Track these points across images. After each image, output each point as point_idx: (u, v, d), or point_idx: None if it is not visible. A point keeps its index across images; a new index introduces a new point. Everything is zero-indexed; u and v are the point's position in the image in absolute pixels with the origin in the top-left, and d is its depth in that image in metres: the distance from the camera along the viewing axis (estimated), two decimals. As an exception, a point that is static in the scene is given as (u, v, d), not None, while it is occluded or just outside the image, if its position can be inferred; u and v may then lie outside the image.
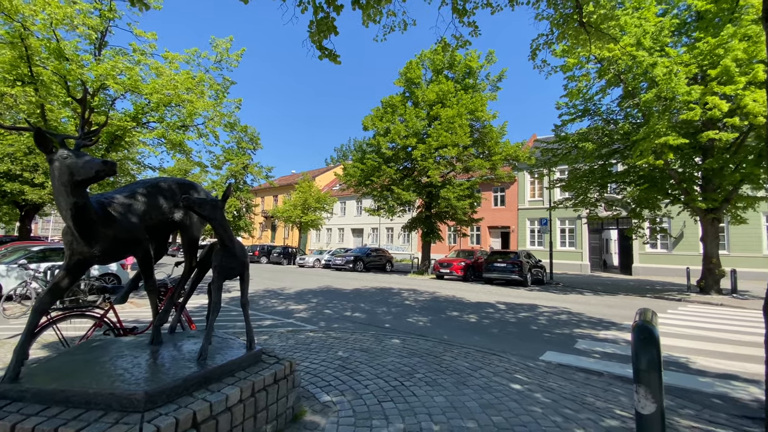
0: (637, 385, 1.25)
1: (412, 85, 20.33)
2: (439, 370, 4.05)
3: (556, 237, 26.10)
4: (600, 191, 15.84)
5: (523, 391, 3.55)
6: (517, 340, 6.12)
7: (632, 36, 10.80)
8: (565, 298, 11.49)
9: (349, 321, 7.32)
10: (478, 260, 18.04)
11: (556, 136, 15.24)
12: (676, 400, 3.69)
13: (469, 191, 19.27)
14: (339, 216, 40.99)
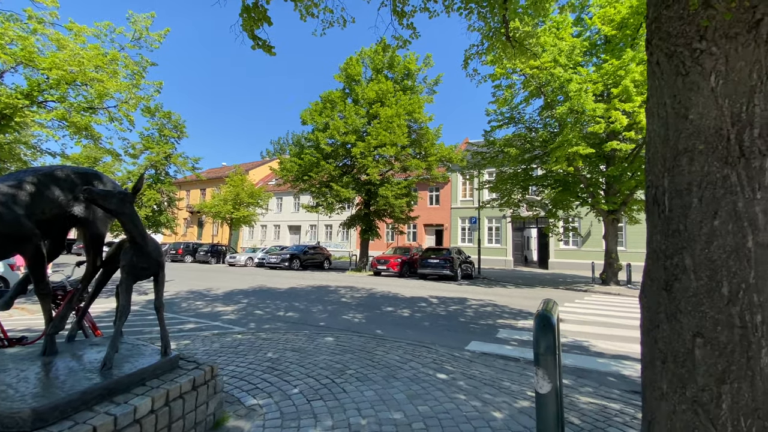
0: (536, 367, 1.39)
1: (353, 82, 20.28)
2: (370, 365, 4.11)
3: (484, 234, 27.91)
4: (522, 193, 17.28)
5: (448, 379, 3.75)
6: (447, 331, 6.45)
7: (551, 54, 11.92)
8: (490, 292, 12.36)
9: (281, 321, 7.11)
10: (414, 257, 18.63)
11: (485, 141, 16.30)
12: (578, 380, 4.17)
13: (407, 190, 19.78)
14: (275, 212, 39.48)
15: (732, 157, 1.23)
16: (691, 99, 1.30)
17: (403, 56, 19.51)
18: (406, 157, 19.58)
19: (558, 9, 6.58)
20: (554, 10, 6.85)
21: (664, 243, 1.37)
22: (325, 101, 19.89)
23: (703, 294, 1.24)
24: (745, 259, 1.20)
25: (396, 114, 18.01)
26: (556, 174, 14.63)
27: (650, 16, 1.47)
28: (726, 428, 1.19)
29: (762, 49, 1.23)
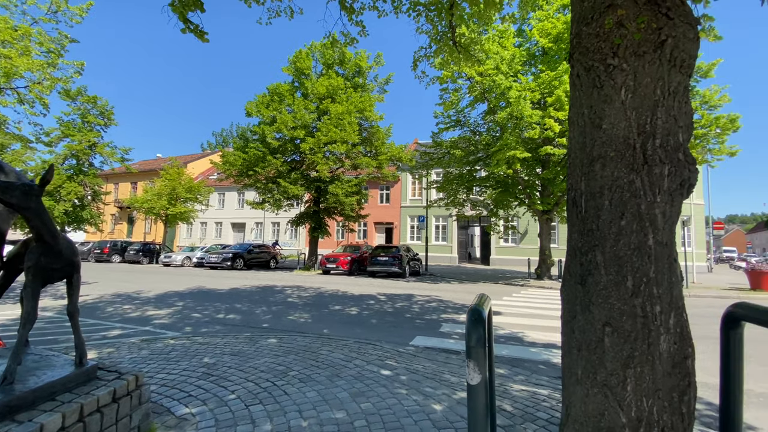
0: (467, 360, 1.45)
1: (302, 76, 19.79)
2: (314, 366, 4.05)
3: (431, 232, 28.76)
4: (467, 193, 18.06)
5: (392, 375, 3.80)
6: (393, 328, 6.54)
7: (494, 61, 12.56)
8: (436, 288, 12.76)
9: (221, 324, 6.74)
10: (364, 255, 18.67)
11: (433, 142, 16.79)
12: (513, 369, 4.45)
13: (357, 188, 19.75)
14: (216, 209, 37.37)
15: (637, 164, 1.37)
16: (605, 110, 1.43)
17: (354, 53, 19.42)
18: (357, 155, 19.54)
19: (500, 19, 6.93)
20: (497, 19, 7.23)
21: (580, 241, 1.49)
22: (273, 94, 19.19)
23: (611, 287, 1.37)
24: (647, 256, 1.35)
25: (347, 111, 17.88)
26: (497, 176, 15.47)
27: (573, 32, 1.59)
28: (631, 408, 1.33)
29: (665, 68, 1.39)
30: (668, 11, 1.35)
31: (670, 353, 1.35)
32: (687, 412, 1.35)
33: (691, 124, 1.47)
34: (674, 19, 1.35)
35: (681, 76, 1.40)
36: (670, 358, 1.35)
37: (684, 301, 1.44)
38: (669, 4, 1.37)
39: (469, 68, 9.70)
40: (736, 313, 1.70)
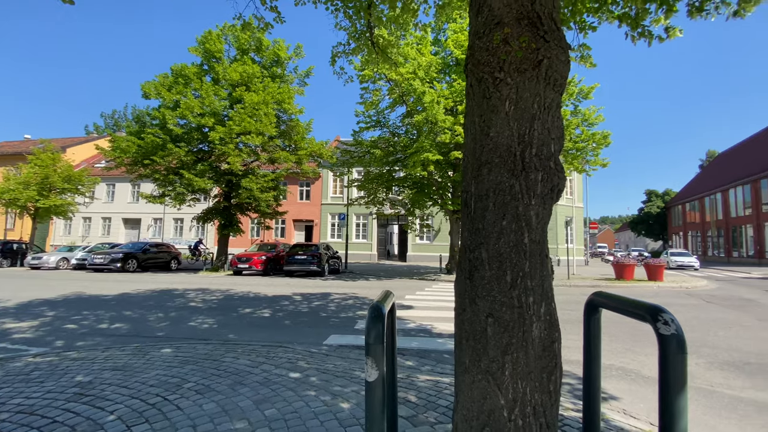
0: (366, 357, 1.45)
1: (212, 59, 18.19)
2: (215, 375, 3.74)
3: (352, 230, 28.90)
4: (386, 192, 18.54)
5: (301, 377, 3.70)
6: (307, 328, 6.39)
7: (412, 66, 13.06)
8: (354, 285, 12.84)
9: (104, 335, 5.86)
10: (280, 253, 17.94)
11: (354, 141, 16.85)
12: (421, 360, 4.67)
13: (274, 183, 18.87)
14: (104, 202, 32.50)
15: (517, 170, 1.52)
16: (492, 120, 1.56)
17: (272, 41, 18.49)
18: (274, 149, 18.67)
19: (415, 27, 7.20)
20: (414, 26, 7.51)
21: (470, 239, 1.60)
22: (177, 75, 17.31)
23: (493, 281, 1.50)
24: (523, 253, 1.50)
25: (263, 101, 16.95)
26: (414, 177, 16.15)
27: (469, 44, 1.70)
28: (508, 391, 1.47)
29: (542, 85, 1.56)
30: (545, 34, 1.52)
31: (541, 338, 1.53)
32: (554, 390, 1.54)
33: (562, 137, 1.67)
34: (550, 42, 1.53)
35: (554, 94, 1.58)
36: (541, 343, 1.52)
37: (553, 291, 1.63)
38: (546, 29, 1.54)
39: (387, 70, 9.93)
40: (595, 301, 2.00)
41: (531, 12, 1.52)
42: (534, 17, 1.52)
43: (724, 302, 10.01)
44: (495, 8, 1.56)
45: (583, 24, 4.36)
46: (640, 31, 3.94)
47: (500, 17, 1.54)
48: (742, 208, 33.89)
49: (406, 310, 8.12)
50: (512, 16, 1.52)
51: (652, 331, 1.43)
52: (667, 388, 1.38)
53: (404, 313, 7.77)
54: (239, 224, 19.01)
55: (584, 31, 4.45)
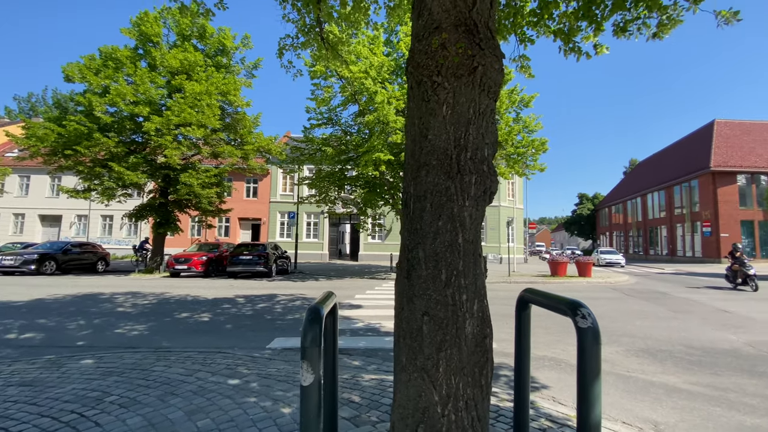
0: (302, 360, 1.41)
1: (149, 43, 16.80)
2: (142, 386, 3.44)
3: (302, 229, 28.27)
4: (338, 191, 18.36)
5: (240, 384, 3.53)
6: (250, 332, 6.12)
7: (364, 65, 13.05)
8: (303, 285, 12.56)
9: (11, 346, 5.16)
10: (223, 253, 17.05)
11: (305, 137, 16.48)
12: (367, 359, 4.67)
13: (218, 179, 17.89)
14: (16, 196, 28.73)
15: (453, 173, 1.56)
16: (430, 122, 1.59)
17: (217, 29, 17.50)
18: (218, 142, 17.68)
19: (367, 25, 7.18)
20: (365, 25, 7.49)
21: (408, 239, 1.62)
22: (107, 58, 15.76)
23: (429, 280, 1.53)
24: (457, 252, 1.55)
25: (206, 92, 15.97)
26: (366, 176, 16.16)
27: (410, 47, 1.72)
28: (442, 387, 1.51)
29: (477, 91, 1.61)
30: (480, 42, 1.58)
31: (473, 335, 1.58)
32: (485, 383, 1.61)
33: (496, 142, 1.75)
34: (485, 50, 1.59)
35: (488, 100, 1.65)
36: (473, 339, 1.58)
37: (486, 289, 1.70)
38: (482, 36, 1.60)
39: (338, 67, 9.82)
40: (525, 297, 2.12)
41: (468, 19, 1.57)
42: (471, 24, 1.57)
43: (641, 295, 11.21)
44: (435, 12, 1.59)
45: (523, 36, 4.62)
46: (571, 46, 4.26)
47: (439, 22, 1.57)
48: (658, 211, 38.25)
49: (355, 309, 8.09)
50: (450, 21, 1.56)
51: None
52: (584, 376, 1.50)
53: (353, 312, 7.74)
54: (177, 222, 17.76)
55: (524, 43, 4.71)
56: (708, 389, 3.82)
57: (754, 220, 29.16)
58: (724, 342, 5.68)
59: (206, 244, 18.50)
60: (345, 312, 7.77)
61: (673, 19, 3.83)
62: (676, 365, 4.58)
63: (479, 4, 1.59)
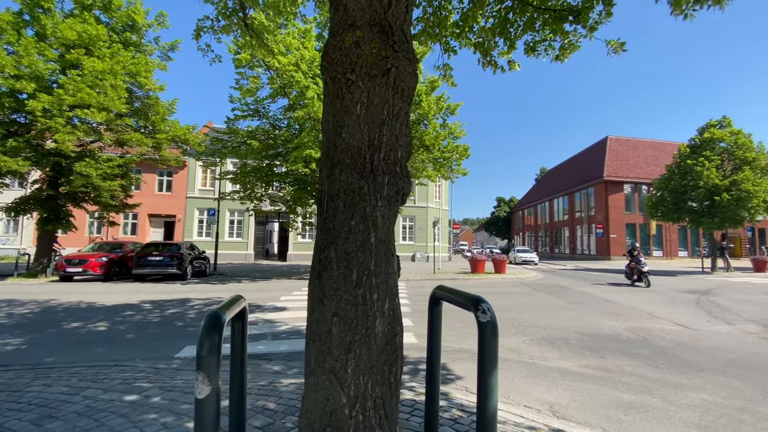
0: (197, 372, 1.28)
1: (37, 8, 14.29)
2: (12, 411, 2.90)
3: (224, 228, 26.45)
4: (265, 188, 17.50)
5: (139, 399, 3.16)
6: (156, 341, 5.53)
7: (294, 57, 12.63)
8: (222, 288, 11.75)
9: None
10: (128, 254, 15.21)
11: (228, 129, 15.43)
12: (288, 363, 4.51)
13: (123, 170, 15.89)
14: None
15: (366, 173, 1.56)
16: (345, 121, 1.57)
17: (126, 1, 15.54)
18: (124, 129, 15.70)
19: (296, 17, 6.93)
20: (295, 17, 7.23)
21: (321, 238, 1.58)
22: (-23, 20, 13.06)
23: (340, 281, 1.51)
24: (369, 252, 1.55)
25: (111, 70, 14.07)
26: (296, 173, 15.66)
27: (326, 42, 1.68)
28: (350, 388, 1.49)
29: (390, 93, 1.63)
30: (395, 44, 1.60)
31: (384, 333, 1.60)
32: (394, 381, 1.63)
33: (409, 144, 1.79)
34: (399, 52, 1.61)
35: (402, 103, 1.68)
36: (384, 337, 1.59)
37: (398, 288, 1.73)
38: (396, 39, 1.62)
39: (264, 57, 9.35)
40: (436, 294, 2.20)
41: (383, 20, 1.58)
42: (386, 26, 1.58)
43: (546, 289, 12.53)
44: (350, 9, 1.57)
45: (447, 46, 4.86)
46: (489, 59, 4.58)
47: (354, 19, 1.55)
48: (562, 214, 43.21)
49: (279, 312, 7.78)
50: (365, 20, 1.55)
51: (502, 319, 1.64)
52: (483, 367, 1.60)
53: (277, 315, 7.44)
54: (70, 218, 15.40)
55: (448, 53, 4.96)
56: (595, 371, 4.38)
57: (636, 223, 34.44)
58: (608, 328, 6.58)
59: (107, 244, 16.33)
60: (268, 315, 7.44)
61: (573, 45, 4.31)
62: (571, 351, 5.19)
63: (395, 7, 1.60)
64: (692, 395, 3.65)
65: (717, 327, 6.71)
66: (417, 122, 14.80)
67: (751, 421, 3.09)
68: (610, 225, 33.67)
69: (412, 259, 29.37)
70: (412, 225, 30.23)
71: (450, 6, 4.54)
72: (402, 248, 29.63)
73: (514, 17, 4.30)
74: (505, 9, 4.27)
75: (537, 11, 4.11)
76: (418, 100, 13.87)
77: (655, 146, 39.46)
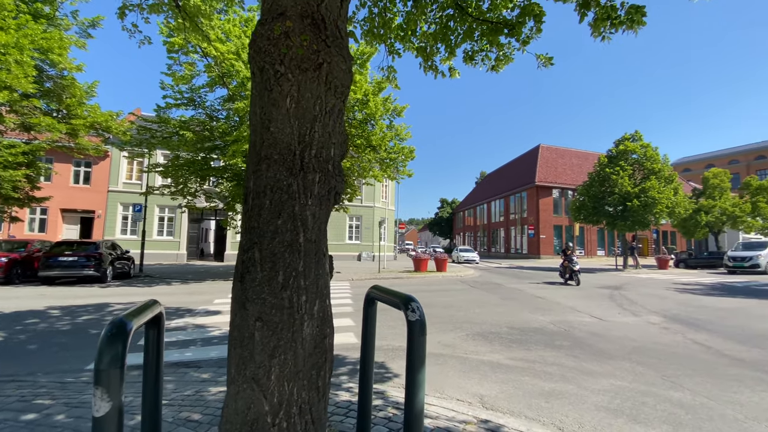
0: (95, 387, 1.14)
1: None
2: None
3: (153, 225, 24.33)
4: (200, 182, 16.37)
5: (38, 419, 2.77)
6: (64, 351, 4.91)
7: (235, 45, 11.97)
8: (148, 291, 10.78)
9: None
10: (34, 254, 13.36)
11: (158, 117, 14.20)
12: (219, 370, 4.24)
13: (28, 158, 13.92)
14: None
15: (295, 169, 1.50)
16: (273, 114, 1.49)
17: (34, -34, 13.60)
18: (31, 111, 13.75)
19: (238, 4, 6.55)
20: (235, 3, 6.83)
21: (245, 238, 1.49)
22: None
23: (265, 283, 1.43)
24: (297, 252, 1.49)
25: (16, 44, 12.22)
26: (235, 168, 14.85)
27: (254, 30, 1.59)
28: (274, 395, 1.42)
29: (323, 88, 1.58)
30: (327, 39, 1.55)
31: (313, 336, 1.55)
32: (322, 385, 1.59)
33: (345, 143, 1.76)
34: (332, 47, 1.57)
35: (336, 100, 1.64)
36: (312, 341, 1.55)
37: (329, 289, 1.69)
38: (329, 33, 1.58)
39: (200, 42, 8.74)
40: (371, 294, 2.20)
41: (316, 12, 1.53)
42: (318, 19, 1.53)
43: (482, 287, 13.22)
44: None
45: (392, 48, 4.91)
46: (430, 64, 4.71)
47: (284, 8, 1.48)
48: (498, 215, 45.97)
49: (212, 316, 7.31)
50: (296, 11, 1.49)
51: (441, 316, 1.65)
52: (412, 364, 1.63)
53: (209, 320, 6.99)
54: (-41, 212, 13.16)
55: (392, 55, 5.01)
56: (521, 362, 4.69)
57: (562, 225, 37.69)
58: (536, 322, 7.11)
59: (7, 242, 14.21)
60: (199, 320, 6.96)
61: (507, 57, 4.57)
62: (501, 344, 5.52)
63: (328, 0, 1.56)
64: (603, 381, 4.05)
65: (625, 318, 7.56)
66: (364, 122, 14.82)
67: (652, 403, 3.50)
68: (540, 226, 36.52)
69: (358, 259, 29.37)
70: (358, 224, 30.23)
71: (394, 9, 4.60)
72: (348, 247, 29.51)
73: (455, 25, 4.46)
74: (447, 17, 4.41)
75: (476, 21, 4.30)
76: (365, 100, 13.89)
77: (579, 155, 43.53)
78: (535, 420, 3.12)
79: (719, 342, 5.73)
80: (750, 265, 19.76)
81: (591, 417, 3.18)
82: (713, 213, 26.28)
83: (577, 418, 3.15)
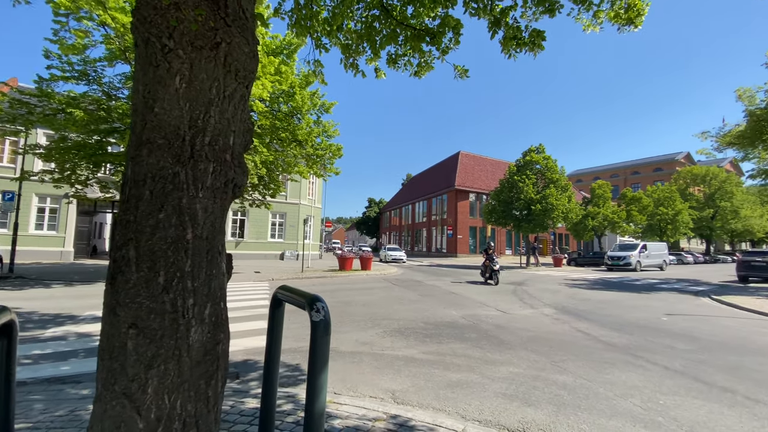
0: None
1: None
2: None
3: (29, 217, 20.55)
4: (93, 170, 14.21)
5: None
6: None
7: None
8: (17, 296, 9.04)
9: None
10: None
11: (40, 90, 11.99)
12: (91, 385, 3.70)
13: None
14: None
15: (184, 157, 1.34)
16: (158, 93, 1.32)
17: None
18: None
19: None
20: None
21: (118, 234, 1.30)
22: None
23: (141, 285, 1.26)
24: (183, 250, 1.34)
25: None
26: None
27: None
28: (151, 411, 1.26)
29: (221, 70, 1.45)
30: (227, 17, 1.42)
31: (202, 343, 1.41)
32: (213, 395, 1.45)
33: (249, 132, 1.63)
34: (232, 27, 1.44)
35: (237, 84, 1.51)
36: (201, 348, 1.40)
37: (225, 291, 1.56)
38: (230, 12, 1.45)
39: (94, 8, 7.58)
40: (278, 295, 2.09)
41: (214, -13, 1.39)
42: (217, -6, 1.39)
43: (404, 284, 13.64)
44: (172, -36, 1.33)
45: (319, 42, 4.78)
46: (351, 62, 4.70)
47: (176, -24, 1.32)
48: (422, 216, 48.03)
49: (100, 323, 6.38)
50: (191, -19, 1.34)
51: (361, 314, 1.59)
52: (314, 365, 1.57)
53: (96, 327, 6.08)
54: None
55: (319, 49, 4.88)
56: (433, 356, 4.92)
57: (477, 226, 40.72)
58: (449, 317, 7.53)
59: None
60: (84, 327, 6.03)
61: (428, 64, 4.75)
62: (416, 339, 5.73)
63: (230, -24, 1.43)
64: (503, 369, 4.44)
65: (524, 311, 8.41)
66: (290, 115, 14.29)
67: (541, 386, 3.91)
68: (458, 227, 39.04)
69: (281, 258, 28.26)
70: (282, 222, 29.07)
71: (321, 2, 4.49)
72: (271, 246, 28.21)
73: (380, 27, 4.50)
74: (372, 17, 4.43)
75: (400, 26, 4.39)
76: (291, 92, 13.41)
77: (493, 163, 47.50)
78: (442, 410, 3.29)
79: (597, 330, 6.68)
80: (624, 264, 23.59)
81: (490, 403, 3.45)
82: (598, 218, 30.68)
83: (478, 406, 3.40)
